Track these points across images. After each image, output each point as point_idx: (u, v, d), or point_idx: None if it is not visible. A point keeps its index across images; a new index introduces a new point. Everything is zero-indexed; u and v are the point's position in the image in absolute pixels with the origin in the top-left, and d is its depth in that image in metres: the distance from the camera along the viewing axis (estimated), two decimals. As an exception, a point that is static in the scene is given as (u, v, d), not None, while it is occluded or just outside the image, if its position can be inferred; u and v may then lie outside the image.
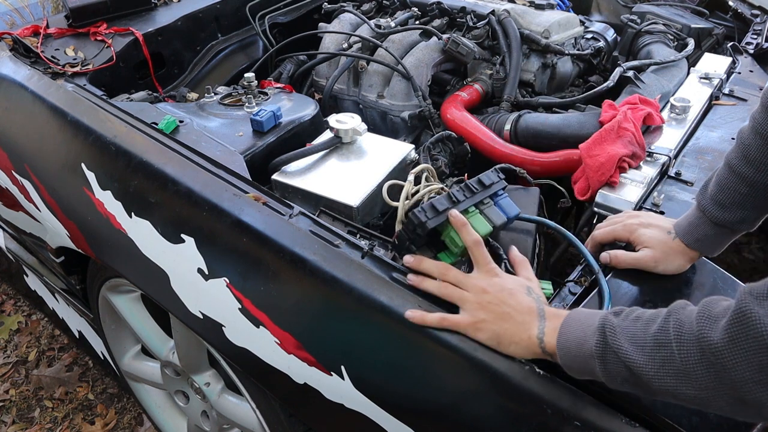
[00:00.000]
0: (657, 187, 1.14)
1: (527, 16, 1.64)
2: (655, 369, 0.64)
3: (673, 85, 1.45)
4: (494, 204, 0.93)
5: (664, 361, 0.64)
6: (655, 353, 0.65)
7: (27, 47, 1.48)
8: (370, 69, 1.60)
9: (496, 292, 0.82)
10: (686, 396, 0.63)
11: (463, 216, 0.88)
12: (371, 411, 0.89)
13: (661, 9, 1.81)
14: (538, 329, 0.77)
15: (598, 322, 0.71)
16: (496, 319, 0.80)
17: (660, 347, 0.64)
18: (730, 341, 0.58)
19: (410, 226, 0.88)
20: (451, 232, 0.88)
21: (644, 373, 0.65)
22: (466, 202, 0.90)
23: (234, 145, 1.21)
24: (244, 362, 1.02)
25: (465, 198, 0.90)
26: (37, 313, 2.30)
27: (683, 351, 0.62)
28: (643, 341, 0.66)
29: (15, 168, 1.40)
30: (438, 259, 0.89)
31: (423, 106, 1.51)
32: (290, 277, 0.94)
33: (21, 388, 2.06)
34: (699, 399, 0.62)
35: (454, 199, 0.89)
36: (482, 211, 0.91)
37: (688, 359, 0.62)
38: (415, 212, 0.87)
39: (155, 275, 1.09)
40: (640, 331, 0.67)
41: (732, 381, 0.58)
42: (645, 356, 0.65)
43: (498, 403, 0.80)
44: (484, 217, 0.91)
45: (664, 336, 0.65)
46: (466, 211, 0.90)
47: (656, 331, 0.66)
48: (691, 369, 0.62)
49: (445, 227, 0.89)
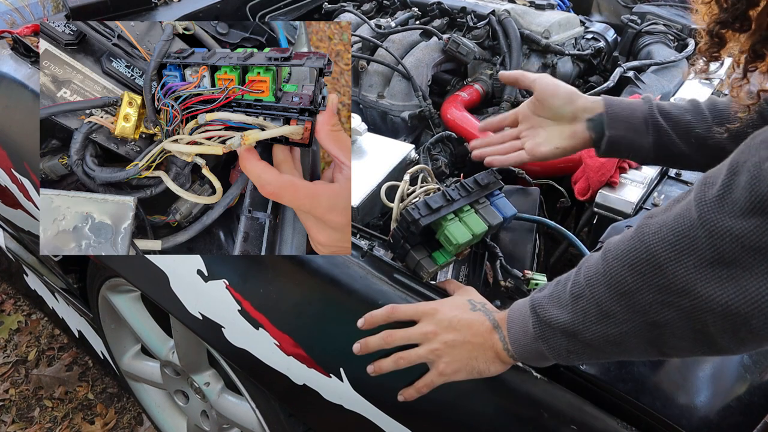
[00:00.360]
0: (657, 188, 1.14)
1: (527, 17, 1.64)
2: (580, 320, 0.66)
3: (674, 86, 1.45)
4: (490, 204, 0.93)
5: (585, 309, 0.66)
6: (575, 305, 0.67)
7: (27, 47, 1.48)
8: (370, 69, 1.60)
9: (445, 329, 0.78)
10: (615, 336, 0.64)
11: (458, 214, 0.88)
12: (370, 412, 0.89)
13: (662, 9, 1.81)
14: (501, 341, 0.76)
15: (528, 305, 0.73)
16: (462, 355, 0.77)
17: (577, 298, 0.67)
18: (629, 267, 0.61)
19: (404, 223, 0.88)
20: (446, 231, 0.87)
21: (574, 329, 0.67)
22: (460, 201, 0.90)
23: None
24: (244, 363, 1.02)
25: (460, 197, 0.90)
26: (36, 313, 2.30)
27: (595, 292, 0.65)
28: (565, 300, 0.68)
29: (14, 166, 1.40)
30: (433, 259, 0.89)
31: (423, 106, 1.51)
32: (290, 278, 0.94)
33: (21, 387, 2.06)
34: (626, 335, 0.63)
35: (448, 197, 0.89)
36: (477, 210, 0.91)
37: (600, 298, 0.64)
38: (409, 209, 0.87)
39: (155, 276, 1.09)
40: (561, 292, 0.69)
41: (641, 306, 0.61)
42: (570, 312, 0.67)
43: (496, 404, 0.80)
44: (479, 216, 0.90)
45: (577, 287, 0.67)
46: (461, 210, 0.90)
47: (571, 285, 0.68)
48: (606, 306, 0.64)
49: (439, 226, 0.88)
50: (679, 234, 0.58)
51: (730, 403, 0.77)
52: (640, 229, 0.62)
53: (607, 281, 0.64)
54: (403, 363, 0.79)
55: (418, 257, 0.89)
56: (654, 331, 0.61)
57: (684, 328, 0.59)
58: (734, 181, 0.55)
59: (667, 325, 0.60)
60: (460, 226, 0.88)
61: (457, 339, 0.77)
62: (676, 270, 0.58)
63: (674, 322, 0.59)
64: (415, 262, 0.89)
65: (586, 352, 0.68)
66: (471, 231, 0.88)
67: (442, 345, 0.77)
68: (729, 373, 0.80)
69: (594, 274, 0.66)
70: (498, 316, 0.78)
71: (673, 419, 0.74)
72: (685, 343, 0.61)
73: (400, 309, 0.81)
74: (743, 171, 0.55)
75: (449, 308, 0.80)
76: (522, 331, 0.73)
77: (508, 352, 0.75)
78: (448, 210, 0.88)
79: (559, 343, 0.69)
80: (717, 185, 0.56)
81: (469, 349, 0.76)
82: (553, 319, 0.69)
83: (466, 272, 1.05)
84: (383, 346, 0.80)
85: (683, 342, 0.61)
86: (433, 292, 0.87)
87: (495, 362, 0.76)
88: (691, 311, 0.58)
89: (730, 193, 0.55)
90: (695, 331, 0.59)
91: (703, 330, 0.58)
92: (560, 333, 0.68)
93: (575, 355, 0.69)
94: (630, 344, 0.64)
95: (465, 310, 0.80)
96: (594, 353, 0.68)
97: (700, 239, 0.56)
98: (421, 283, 0.89)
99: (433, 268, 0.88)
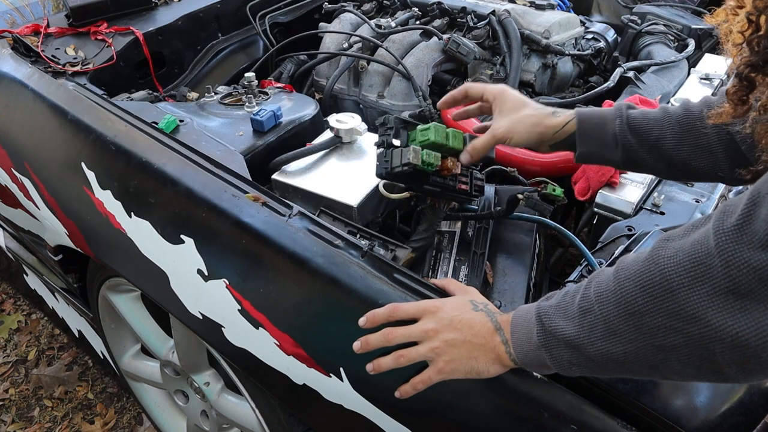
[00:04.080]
0: (657, 188, 1.14)
1: (528, 17, 1.64)
2: (585, 334, 0.66)
3: (674, 86, 1.45)
4: None
5: (592, 325, 0.66)
6: (582, 320, 0.67)
7: (27, 46, 1.48)
8: (370, 69, 1.60)
9: (446, 327, 0.78)
10: (618, 355, 0.64)
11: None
12: (370, 412, 0.89)
13: (662, 10, 1.81)
14: (503, 344, 0.76)
15: (534, 312, 0.73)
16: (461, 355, 0.77)
17: (585, 313, 0.67)
18: (641, 288, 0.61)
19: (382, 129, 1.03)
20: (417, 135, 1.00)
21: (578, 342, 0.67)
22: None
23: (234, 144, 1.21)
24: (244, 363, 1.02)
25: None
26: (36, 312, 2.30)
27: (604, 309, 0.65)
28: (573, 312, 0.68)
29: (15, 166, 1.40)
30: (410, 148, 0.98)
31: (423, 106, 1.51)
32: (290, 278, 0.94)
33: (20, 387, 2.06)
34: (630, 356, 0.63)
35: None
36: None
37: (608, 315, 0.64)
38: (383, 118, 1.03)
39: (155, 275, 1.09)
40: (569, 304, 0.69)
41: (649, 328, 0.61)
42: (576, 326, 0.67)
43: (496, 404, 0.81)
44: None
45: (586, 302, 0.67)
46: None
47: (580, 298, 0.68)
48: (614, 325, 0.64)
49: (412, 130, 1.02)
50: (695, 261, 0.57)
51: (730, 404, 0.77)
52: (656, 252, 0.62)
53: (617, 299, 0.63)
54: (403, 361, 0.79)
55: (401, 146, 1.00)
56: (659, 355, 0.61)
57: (690, 355, 0.59)
58: (754, 212, 0.55)
59: (673, 350, 0.60)
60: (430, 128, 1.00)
61: (458, 338, 0.77)
62: (688, 296, 0.57)
63: (680, 348, 0.59)
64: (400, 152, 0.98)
65: (588, 366, 0.68)
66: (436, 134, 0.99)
67: (443, 343, 0.77)
68: (729, 374, 0.80)
69: (605, 290, 0.65)
70: (501, 319, 0.78)
71: (673, 419, 0.74)
72: (689, 369, 0.60)
73: (402, 308, 0.81)
74: (764, 203, 0.54)
75: (451, 307, 0.80)
76: (525, 338, 0.73)
77: (510, 355, 0.75)
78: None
79: (562, 355, 0.69)
80: (736, 214, 0.56)
81: (470, 349, 0.76)
82: (559, 330, 0.68)
83: (466, 272, 1.05)
84: (384, 343, 0.80)
85: (687, 368, 0.60)
86: (433, 292, 0.87)
87: (495, 364, 0.76)
88: (699, 339, 0.57)
89: (750, 224, 0.54)
90: (701, 359, 0.59)
91: (710, 359, 0.58)
92: (564, 345, 0.68)
93: (577, 367, 0.69)
94: (632, 365, 0.64)
95: (467, 310, 0.80)
96: (595, 368, 0.68)
97: (716, 268, 0.56)
98: (421, 283, 0.89)
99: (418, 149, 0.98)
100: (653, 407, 0.74)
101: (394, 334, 0.80)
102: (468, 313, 0.79)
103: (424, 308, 0.80)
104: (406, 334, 0.79)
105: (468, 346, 0.76)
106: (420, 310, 0.81)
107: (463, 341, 0.76)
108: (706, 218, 0.61)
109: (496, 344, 0.76)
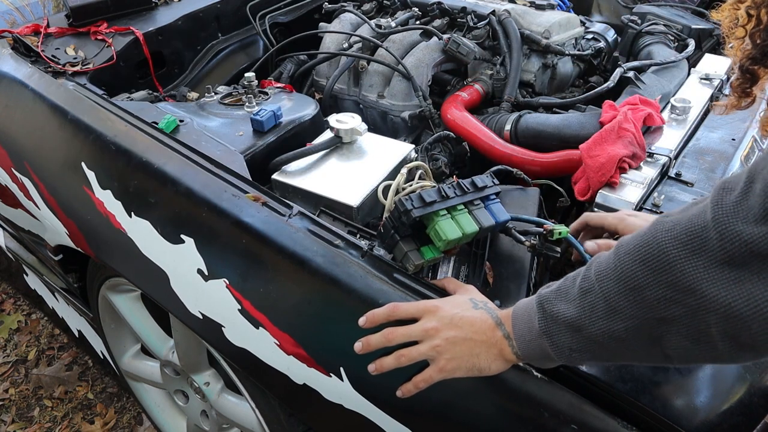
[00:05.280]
0: (657, 188, 1.14)
1: (528, 17, 1.64)
2: (587, 314, 0.67)
3: (674, 86, 1.44)
4: (485, 207, 0.93)
5: (593, 304, 0.67)
6: (583, 300, 0.68)
7: (27, 46, 1.48)
8: (370, 69, 1.60)
9: (446, 325, 0.78)
10: (620, 332, 0.65)
11: (450, 212, 0.89)
12: (370, 411, 0.89)
13: (662, 10, 1.80)
14: (505, 338, 0.76)
15: (535, 301, 0.74)
16: (463, 352, 0.77)
17: (586, 293, 0.68)
18: (640, 262, 0.62)
19: (396, 213, 0.88)
20: (437, 226, 0.87)
21: (580, 323, 0.67)
22: (455, 199, 0.90)
23: (234, 144, 1.21)
24: (244, 362, 1.02)
25: (455, 195, 0.91)
26: (36, 312, 2.30)
27: (604, 286, 0.66)
28: (573, 295, 0.69)
29: (15, 166, 1.40)
30: (421, 253, 0.90)
31: (423, 106, 1.51)
32: (290, 278, 0.94)
33: (20, 387, 2.06)
34: (631, 332, 0.64)
35: (443, 193, 0.89)
36: (471, 211, 0.92)
37: (609, 292, 0.65)
38: (402, 200, 0.87)
39: (155, 275, 1.09)
40: (570, 287, 0.70)
41: (649, 302, 0.62)
42: (577, 307, 0.68)
43: (496, 404, 0.81)
44: (472, 217, 0.91)
45: (587, 282, 0.68)
46: (455, 208, 0.90)
47: (581, 280, 0.69)
48: (614, 302, 0.65)
49: (430, 220, 0.89)
50: (691, 234, 0.59)
51: (730, 404, 0.78)
52: (654, 227, 0.63)
53: (617, 275, 0.65)
54: (404, 360, 0.79)
55: (406, 248, 0.89)
56: (659, 328, 0.62)
57: (688, 327, 0.60)
58: (751, 188, 0.56)
59: (673, 323, 0.61)
60: (451, 223, 0.88)
61: (459, 336, 0.77)
62: (685, 268, 0.59)
63: (680, 320, 0.60)
64: (403, 254, 0.89)
65: (589, 349, 0.68)
66: (462, 229, 0.88)
67: (444, 342, 0.77)
68: (729, 374, 0.81)
69: (605, 269, 0.66)
70: (501, 314, 0.78)
71: (673, 419, 0.74)
72: (687, 343, 0.61)
73: (402, 307, 0.81)
74: (759, 179, 0.56)
75: (451, 306, 0.80)
76: (527, 327, 0.73)
77: (512, 348, 0.75)
78: (441, 206, 0.88)
79: (563, 340, 0.69)
80: (737, 191, 0.57)
81: (471, 346, 0.76)
82: (560, 313, 0.69)
83: (465, 272, 1.05)
84: (385, 343, 0.80)
85: (686, 341, 0.61)
86: (433, 292, 0.88)
87: (497, 360, 0.76)
88: (696, 310, 0.59)
89: (746, 200, 0.56)
90: (699, 332, 0.60)
91: (706, 331, 0.59)
92: (565, 328, 0.69)
93: (578, 353, 0.69)
94: (634, 342, 0.65)
95: (467, 308, 0.80)
96: (597, 350, 0.68)
97: (711, 240, 0.57)
98: (421, 282, 0.89)
99: (420, 261, 0.89)
100: (653, 407, 0.75)
101: (395, 334, 0.80)
102: (468, 311, 0.79)
103: (424, 307, 0.81)
104: (407, 334, 0.79)
105: (469, 344, 0.77)
106: (420, 309, 0.81)
107: (465, 339, 0.77)
108: (705, 197, 0.63)
109: (497, 339, 0.76)
